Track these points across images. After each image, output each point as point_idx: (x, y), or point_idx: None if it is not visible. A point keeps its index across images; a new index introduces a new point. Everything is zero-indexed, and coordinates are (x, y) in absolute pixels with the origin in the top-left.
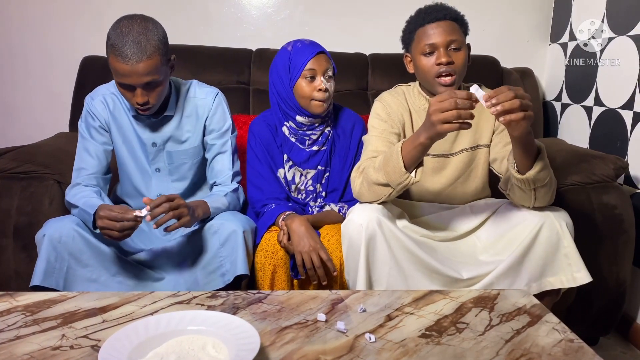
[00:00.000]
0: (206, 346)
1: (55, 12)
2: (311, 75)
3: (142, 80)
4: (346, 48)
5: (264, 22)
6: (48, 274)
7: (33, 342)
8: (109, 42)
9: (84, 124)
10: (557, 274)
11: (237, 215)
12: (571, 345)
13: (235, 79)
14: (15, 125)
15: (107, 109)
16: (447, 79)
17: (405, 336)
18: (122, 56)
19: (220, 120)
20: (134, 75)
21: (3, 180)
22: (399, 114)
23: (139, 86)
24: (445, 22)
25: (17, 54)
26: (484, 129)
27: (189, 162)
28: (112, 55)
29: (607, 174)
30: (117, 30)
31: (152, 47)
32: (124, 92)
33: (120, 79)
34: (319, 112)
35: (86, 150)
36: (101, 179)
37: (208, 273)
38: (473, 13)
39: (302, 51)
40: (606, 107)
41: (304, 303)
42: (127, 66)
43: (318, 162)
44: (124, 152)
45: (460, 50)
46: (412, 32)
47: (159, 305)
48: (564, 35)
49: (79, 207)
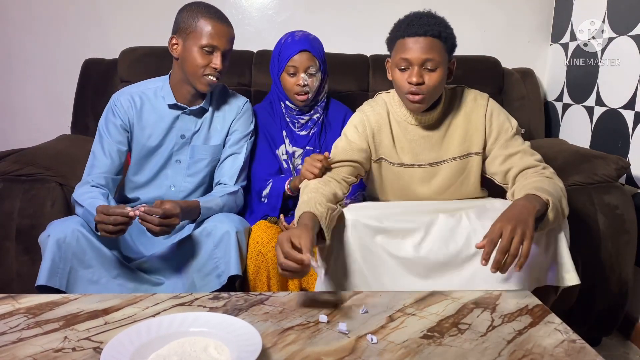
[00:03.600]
0: (208, 348)
1: (56, 14)
2: (293, 72)
3: (227, 45)
4: (347, 49)
5: (265, 23)
6: (52, 274)
7: (35, 345)
8: (198, 10)
9: (103, 120)
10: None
11: (230, 216)
12: (573, 345)
13: (236, 81)
14: (17, 127)
15: (134, 107)
16: (415, 97)
17: (407, 337)
18: (219, 19)
19: (244, 124)
20: (223, 37)
21: (5, 182)
22: (376, 129)
23: (223, 50)
24: (424, 39)
25: (19, 57)
26: (473, 136)
27: (208, 159)
28: (205, 17)
29: (609, 174)
30: (202, 5)
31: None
32: (201, 57)
33: (210, 40)
34: (300, 105)
35: (101, 148)
36: (111, 180)
37: (204, 275)
38: (474, 14)
39: (288, 47)
40: (607, 107)
41: (305, 304)
42: (223, 27)
43: (307, 142)
44: (150, 143)
45: (434, 71)
46: (393, 40)
47: (161, 307)
48: (565, 35)
49: (84, 207)
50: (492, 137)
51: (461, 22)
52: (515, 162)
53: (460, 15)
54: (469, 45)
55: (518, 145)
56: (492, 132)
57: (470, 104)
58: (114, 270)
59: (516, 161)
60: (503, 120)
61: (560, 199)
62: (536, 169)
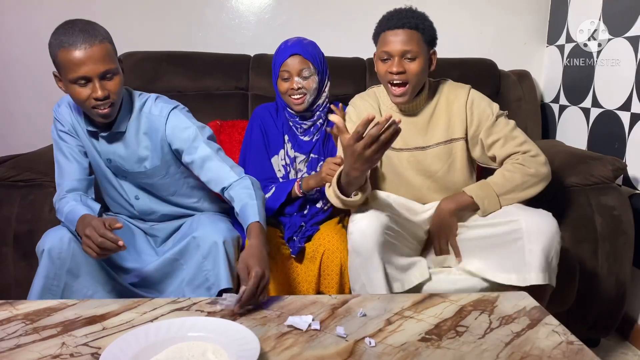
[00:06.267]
0: (206, 352)
1: (53, 20)
2: (287, 77)
3: (98, 68)
4: (344, 53)
5: (262, 27)
6: (45, 291)
7: (33, 351)
8: (55, 42)
9: (55, 130)
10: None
11: (218, 224)
12: (571, 347)
13: (234, 85)
14: (15, 133)
15: (72, 114)
16: (397, 89)
17: (405, 340)
18: (74, 45)
19: (182, 134)
20: (89, 62)
21: (3, 188)
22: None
23: (97, 76)
24: (403, 31)
25: (17, 62)
26: (455, 123)
27: (152, 181)
28: (61, 50)
29: (606, 175)
30: (60, 30)
31: (101, 35)
32: (79, 91)
33: (76, 72)
34: (297, 109)
35: (62, 154)
36: (85, 181)
37: (195, 288)
38: (470, 16)
39: (280, 53)
40: (604, 108)
41: (303, 308)
42: (81, 52)
43: (310, 149)
44: (91, 160)
45: (414, 61)
46: (376, 35)
47: (159, 312)
48: (561, 37)
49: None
50: (473, 124)
51: (458, 24)
52: (496, 150)
53: (457, 18)
54: (466, 47)
55: (499, 131)
56: (474, 120)
57: (453, 93)
58: (108, 285)
59: (497, 150)
60: (484, 107)
61: (513, 185)
62: (513, 156)
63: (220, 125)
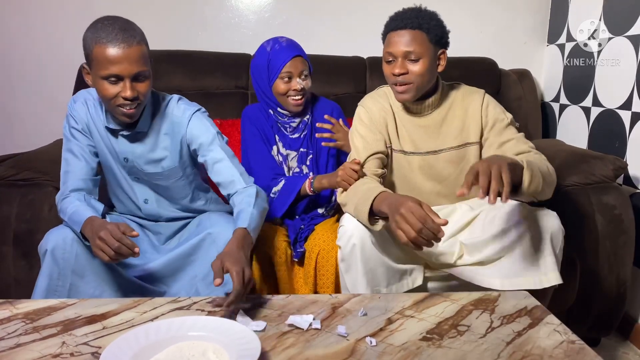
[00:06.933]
0: (207, 352)
1: (53, 19)
2: (288, 77)
3: (132, 69)
4: (344, 51)
5: (262, 26)
6: (50, 292)
7: (33, 350)
8: (92, 36)
9: (67, 127)
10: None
11: (232, 221)
12: (572, 346)
13: (233, 84)
14: (14, 132)
15: (88, 112)
16: (400, 87)
17: (406, 339)
18: (113, 42)
19: (202, 136)
20: (125, 61)
21: (2, 187)
22: (381, 118)
23: (129, 76)
24: (406, 32)
25: (16, 61)
26: (470, 126)
27: (167, 182)
28: (98, 45)
29: (606, 174)
30: (99, 25)
31: (139, 36)
32: (108, 88)
33: (109, 70)
34: (295, 110)
35: (71, 152)
36: (90, 181)
37: (209, 284)
38: (471, 15)
39: (280, 54)
40: (604, 107)
41: (304, 307)
42: (120, 50)
43: (299, 145)
44: (102, 159)
45: (418, 62)
46: (383, 35)
47: (159, 311)
48: (562, 36)
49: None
50: (488, 126)
51: (458, 23)
52: (509, 147)
53: (457, 17)
54: (466, 46)
55: (512, 134)
56: (489, 122)
57: (468, 97)
58: (115, 284)
59: (510, 147)
60: (499, 112)
61: (542, 170)
62: (528, 154)
63: (220, 125)
